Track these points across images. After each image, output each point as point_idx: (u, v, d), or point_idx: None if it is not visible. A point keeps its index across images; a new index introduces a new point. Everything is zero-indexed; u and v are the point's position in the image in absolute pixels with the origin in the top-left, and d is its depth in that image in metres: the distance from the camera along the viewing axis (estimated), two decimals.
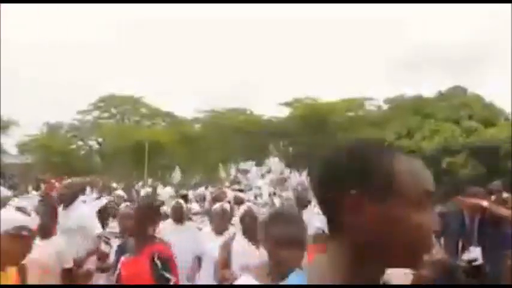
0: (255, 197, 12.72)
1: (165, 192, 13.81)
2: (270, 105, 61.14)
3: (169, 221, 5.23)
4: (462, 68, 60.41)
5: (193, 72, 60.94)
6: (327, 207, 0.85)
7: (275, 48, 64.23)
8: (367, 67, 61.04)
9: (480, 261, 3.82)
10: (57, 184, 7.16)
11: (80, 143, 42.60)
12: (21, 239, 2.07)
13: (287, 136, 40.40)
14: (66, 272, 3.43)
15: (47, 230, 3.37)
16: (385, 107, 40.20)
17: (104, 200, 6.19)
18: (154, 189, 14.00)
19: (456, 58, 59.48)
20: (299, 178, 19.12)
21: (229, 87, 62.29)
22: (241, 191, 11.33)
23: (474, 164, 26.80)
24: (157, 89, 61.31)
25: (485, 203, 3.95)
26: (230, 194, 11.49)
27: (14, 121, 36.81)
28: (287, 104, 40.46)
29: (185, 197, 8.32)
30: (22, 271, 2.27)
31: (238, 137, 40.28)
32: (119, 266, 3.13)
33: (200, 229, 5.90)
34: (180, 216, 5.17)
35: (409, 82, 62.69)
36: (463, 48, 62.07)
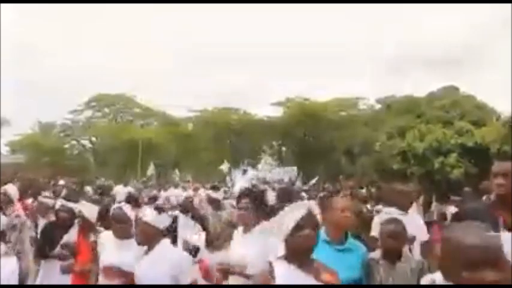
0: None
1: (121, 192, 11.86)
2: (262, 105, 61.14)
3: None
4: (454, 67, 60.84)
5: (186, 71, 60.93)
6: None
7: (269, 48, 64.27)
8: (359, 67, 61.27)
9: None
10: None
11: (73, 142, 42.43)
12: None
13: (280, 135, 40.53)
14: None
15: None
16: (377, 106, 40.42)
17: None
18: (107, 187, 12.03)
19: (449, 57, 59.91)
20: (289, 176, 19.09)
21: (222, 86, 62.24)
22: (216, 188, 10.27)
23: (466, 164, 27.06)
24: (150, 88, 61.21)
25: None
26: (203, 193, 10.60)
27: (6, 120, 36.57)
28: (279, 104, 40.56)
29: (136, 200, 6.83)
30: None
31: (231, 137, 40.35)
32: None
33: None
34: (121, 229, 3.77)
35: (401, 82, 63.00)
36: (455, 47, 62.65)
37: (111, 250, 3.76)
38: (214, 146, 37.99)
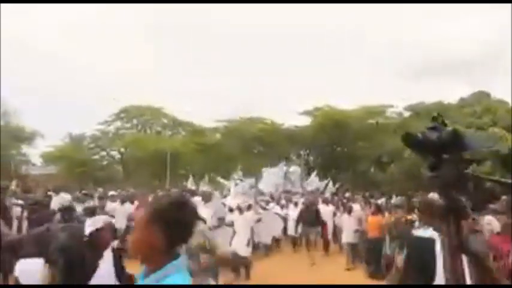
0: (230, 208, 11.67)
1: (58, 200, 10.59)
2: (289, 114, 60.91)
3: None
4: (482, 72, 59.42)
5: (212, 81, 61.30)
6: None
7: (293, 57, 64.21)
8: (384, 74, 60.41)
9: None
10: None
11: (103, 153, 43.21)
12: None
13: (307, 145, 40.25)
14: None
15: None
16: (405, 114, 39.77)
17: None
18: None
19: (475, 62, 58.55)
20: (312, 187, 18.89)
21: (247, 96, 62.43)
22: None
23: (501, 172, 26.21)
24: (177, 99, 61.89)
25: None
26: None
27: (39, 132, 37.70)
28: (306, 113, 40.32)
29: (70, 210, 5.66)
30: None
31: (258, 146, 40.31)
32: None
33: None
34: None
35: (428, 88, 61.79)
36: (482, 51, 61.18)
37: None
38: (242, 156, 38.01)
